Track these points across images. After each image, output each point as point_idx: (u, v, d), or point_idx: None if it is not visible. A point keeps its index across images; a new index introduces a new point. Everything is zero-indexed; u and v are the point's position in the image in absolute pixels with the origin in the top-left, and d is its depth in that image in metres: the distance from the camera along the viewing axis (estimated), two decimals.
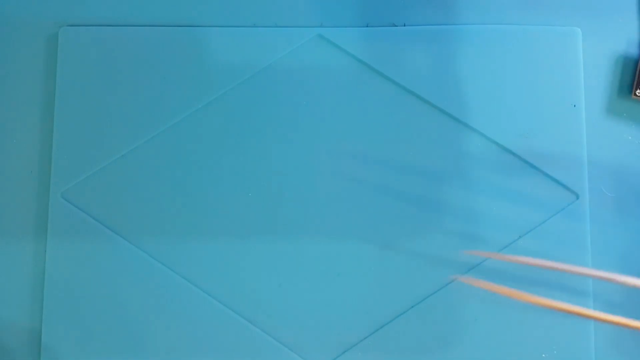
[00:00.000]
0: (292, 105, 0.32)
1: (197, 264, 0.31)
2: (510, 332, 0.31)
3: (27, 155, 0.32)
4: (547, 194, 0.32)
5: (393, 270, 0.31)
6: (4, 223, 0.32)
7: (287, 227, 0.32)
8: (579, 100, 0.32)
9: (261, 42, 0.33)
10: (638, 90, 0.32)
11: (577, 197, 0.32)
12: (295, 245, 0.32)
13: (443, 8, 0.33)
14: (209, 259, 0.31)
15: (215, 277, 0.31)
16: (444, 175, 0.32)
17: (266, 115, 0.32)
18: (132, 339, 0.31)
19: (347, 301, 0.31)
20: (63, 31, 0.33)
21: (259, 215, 0.32)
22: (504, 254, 0.31)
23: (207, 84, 0.32)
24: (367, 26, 0.33)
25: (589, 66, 0.33)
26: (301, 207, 0.32)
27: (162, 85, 0.32)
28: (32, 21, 0.33)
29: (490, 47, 0.33)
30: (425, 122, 0.32)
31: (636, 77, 0.32)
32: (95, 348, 0.31)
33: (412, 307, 0.31)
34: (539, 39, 0.33)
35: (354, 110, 0.32)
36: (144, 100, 0.32)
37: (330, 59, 0.33)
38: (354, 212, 0.32)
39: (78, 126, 0.32)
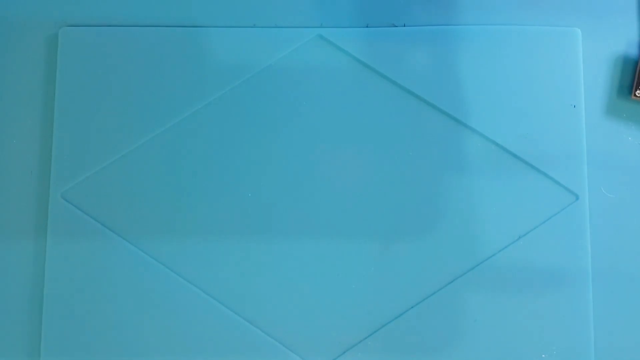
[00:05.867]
0: (292, 105, 0.32)
1: (197, 264, 0.31)
2: (510, 332, 0.31)
3: (27, 155, 0.32)
4: (547, 194, 0.32)
5: (393, 270, 0.31)
6: (4, 223, 0.32)
7: (287, 227, 0.32)
8: (579, 100, 0.32)
9: (261, 42, 0.33)
10: (638, 91, 0.32)
11: (577, 198, 0.32)
12: (295, 245, 0.32)
13: (443, 8, 0.33)
14: (209, 259, 0.32)
15: (215, 277, 0.31)
16: (443, 175, 0.32)
17: (266, 115, 0.32)
18: (132, 339, 0.31)
19: (347, 301, 0.31)
20: (63, 31, 0.33)
21: (258, 215, 0.32)
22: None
23: (207, 84, 0.32)
24: (367, 26, 0.33)
25: (589, 66, 0.33)
26: (301, 207, 0.32)
27: (162, 85, 0.32)
28: (32, 21, 0.33)
29: (490, 48, 0.33)
30: (425, 122, 0.32)
31: (636, 77, 0.32)
32: (95, 348, 0.31)
33: (412, 307, 0.31)
34: (539, 39, 0.33)
35: (354, 110, 0.32)
36: (144, 100, 0.32)
37: (330, 59, 0.33)
38: (354, 212, 0.32)
39: (78, 126, 0.32)
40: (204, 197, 0.32)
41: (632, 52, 0.33)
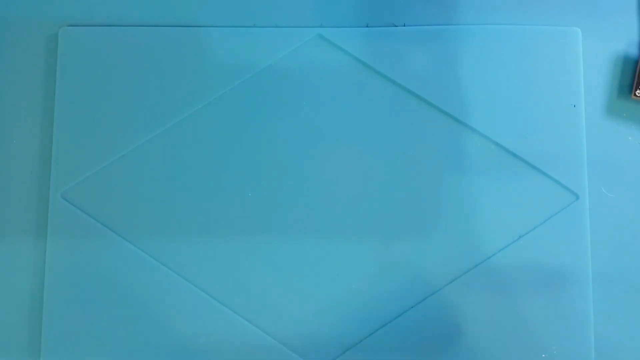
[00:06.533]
0: (292, 105, 0.32)
1: (197, 264, 0.31)
2: (510, 332, 0.31)
3: (27, 155, 0.32)
4: (547, 194, 0.32)
5: (393, 270, 0.31)
6: (4, 223, 0.32)
7: (287, 227, 0.32)
8: (579, 100, 0.32)
9: (261, 42, 0.33)
10: (638, 91, 0.32)
11: (577, 197, 0.32)
12: (295, 245, 0.32)
13: (443, 8, 0.33)
14: (209, 259, 0.32)
15: (215, 277, 0.31)
16: (443, 176, 0.32)
17: (266, 115, 0.32)
18: (132, 339, 0.31)
19: (347, 301, 0.31)
20: (63, 31, 0.33)
21: (259, 215, 0.32)
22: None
23: (207, 84, 0.32)
24: (367, 26, 0.33)
25: (589, 66, 0.33)
26: (301, 207, 0.32)
27: (162, 85, 0.32)
28: (32, 21, 0.33)
29: (490, 47, 0.33)
30: (425, 122, 0.32)
31: (636, 77, 0.32)
32: (95, 348, 0.31)
33: (412, 307, 0.31)
34: (539, 39, 0.33)
35: (354, 110, 0.32)
36: (144, 100, 0.32)
37: (330, 59, 0.33)
38: (354, 212, 0.32)
39: (78, 126, 0.32)
40: (204, 197, 0.32)
41: (632, 52, 0.33)
